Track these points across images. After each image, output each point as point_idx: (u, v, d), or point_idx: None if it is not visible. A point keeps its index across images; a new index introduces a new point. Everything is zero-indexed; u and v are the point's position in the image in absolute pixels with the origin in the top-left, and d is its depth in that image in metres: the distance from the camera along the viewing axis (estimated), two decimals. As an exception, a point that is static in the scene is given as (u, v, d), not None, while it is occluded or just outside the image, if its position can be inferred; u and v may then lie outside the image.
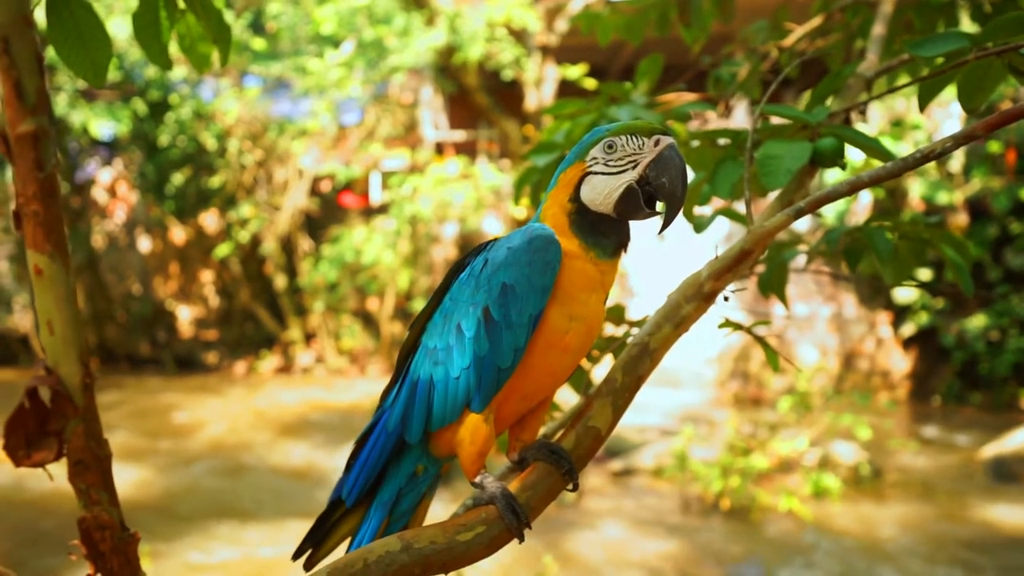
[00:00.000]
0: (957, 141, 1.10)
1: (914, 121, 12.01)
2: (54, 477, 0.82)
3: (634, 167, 1.17)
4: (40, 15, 1.52)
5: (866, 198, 12.43)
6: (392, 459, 1.31)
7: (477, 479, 1.19)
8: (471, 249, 1.29)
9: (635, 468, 8.79)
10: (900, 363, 12.57)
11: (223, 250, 13.27)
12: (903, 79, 2.52)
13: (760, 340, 1.59)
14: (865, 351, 12.77)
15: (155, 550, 6.08)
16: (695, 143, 1.88)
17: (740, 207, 1.89)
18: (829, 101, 1.90)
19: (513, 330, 1.14)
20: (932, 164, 12.26)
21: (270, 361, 14.15)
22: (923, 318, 12.04)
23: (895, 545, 6.91)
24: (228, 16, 11.96)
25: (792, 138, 1.58)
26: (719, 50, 3.12)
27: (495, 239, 1.26)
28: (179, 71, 12.46)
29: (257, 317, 14.62)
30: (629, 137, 1.17)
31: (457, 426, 1.21)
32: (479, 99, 14.00)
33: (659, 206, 1.18)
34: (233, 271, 14.29)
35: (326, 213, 14.28)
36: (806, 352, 12.69)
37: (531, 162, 2.29)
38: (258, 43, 12.71)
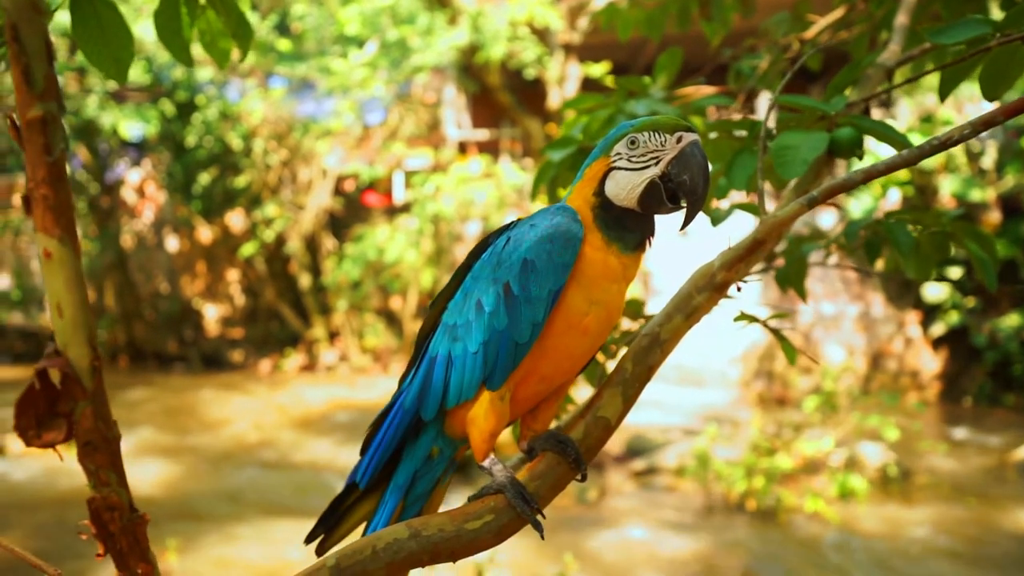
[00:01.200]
0: (975, 128, 1.08)
1: (945, 117, 11.80)
2: (64, 458, 0.84)
3: (656, 163, 1.18)
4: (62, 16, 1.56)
5: (895, 196, 12.24)
6: (408, 439, 1.31)
7: (486, 463, 1.19)
8: (494, 230, 1.30)
9: (658, 468, 8.74)
10: (930, 363, 12.35)
11: (248, 249, 13.43)
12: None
13: (776, 334, 1.57)
14: (894, 351, 12.56)
15: (180, 544, 6.17)
16: (712, 135, 1.86)
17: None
18: (848, 92, 1.87)
19: (532, 304, 1.15)
20: (964, 160, 12.03)
21: (294, 359, 14.29)
22: (954, 317, 11.82)
23: (924, 548, 6.79)
24: (253, 18, 12.13)
25: (810, 129, 1.56)
26: (740, 44, 3.09)
27: (518, 219, 1.27)
28: (206, 72, 12.63)
29: (282, 316, 14.78)
30: (652, 133, 1.18)
31: (472, 404, 1.22)
32: (502, 98, 14.01)
33: (681, 202, 1.19)
34: (258, 270, 14.46)
35: (350, 212, 14.39)
36: (833, 351, 12.52)
37: (548, 157, 2.28)
38: (283, 44, 12.84)
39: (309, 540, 1.39)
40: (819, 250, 2.06)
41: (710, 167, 1.18)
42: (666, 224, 1.31)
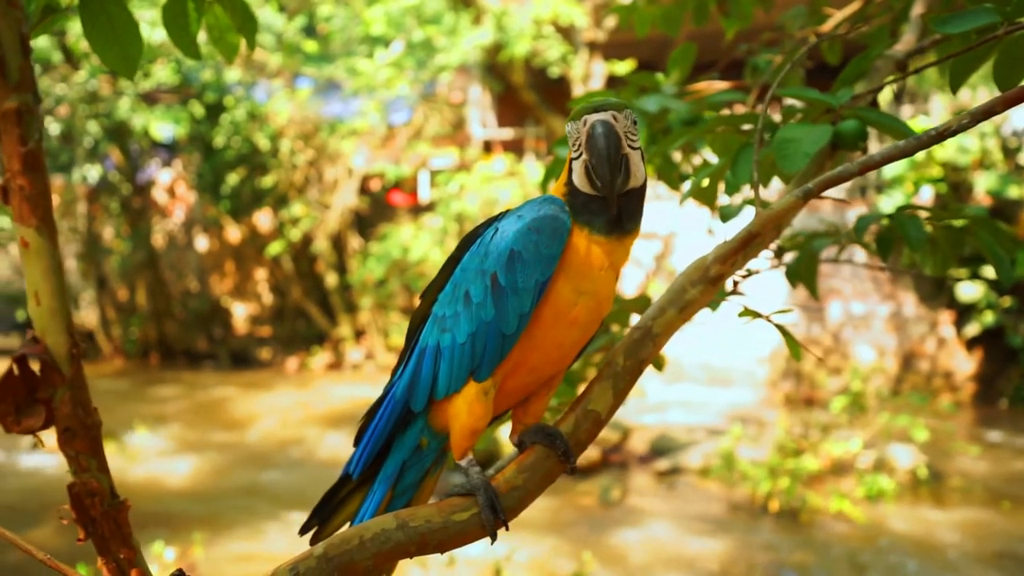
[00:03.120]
0: (975, 117, 1.05)
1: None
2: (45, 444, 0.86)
3: (581, 150, 1.19)
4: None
5: (927, 193, 11.99)
6: (397, 430, 1.32)
7: (463, 462, 1.20)
8: (483, 221, 1.30)
9: (682, 468, 8.67)
10: (964, 364, 12.08)
11: (275, 248, 13.59)
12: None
13: (782, 330, 1.55)
14: (926, 351, 12.31)
15: (206, 538, 6.27)
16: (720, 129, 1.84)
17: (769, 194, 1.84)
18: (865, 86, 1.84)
19: (519, 295, 1.16)
20: (1000, 157, 11.75)
21: (321, 357, 14.43)
22: (989, 317, 11.54)
23: (955, 552, 6.65)
24: (280, 19, 12.26)
25: (816, 122, 1.54)
26: (755, 39, 3.05)
27: (507, 210, 1.27)
28: (234, 73, 12.81)
29: (308, 314, 14.93)
30: (572, 124, 1.20)
31: (457, 399, 1.22)
32: (526, 97, 14.01)
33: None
34: (285, 269, 14.63)
35: (376, 211, 14.50)
36: (863, 352, 12.31)
37: (557, 154, 2.28)
38: (310, 45, 12.97)
39: (304, 531, 1.40)
40: (832, 246, 2.03)
41: (624, 144, 1.16)
42: (691, 221, 1.29)
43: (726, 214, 1.94)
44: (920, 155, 11.79)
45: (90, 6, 1.54)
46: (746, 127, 1.77)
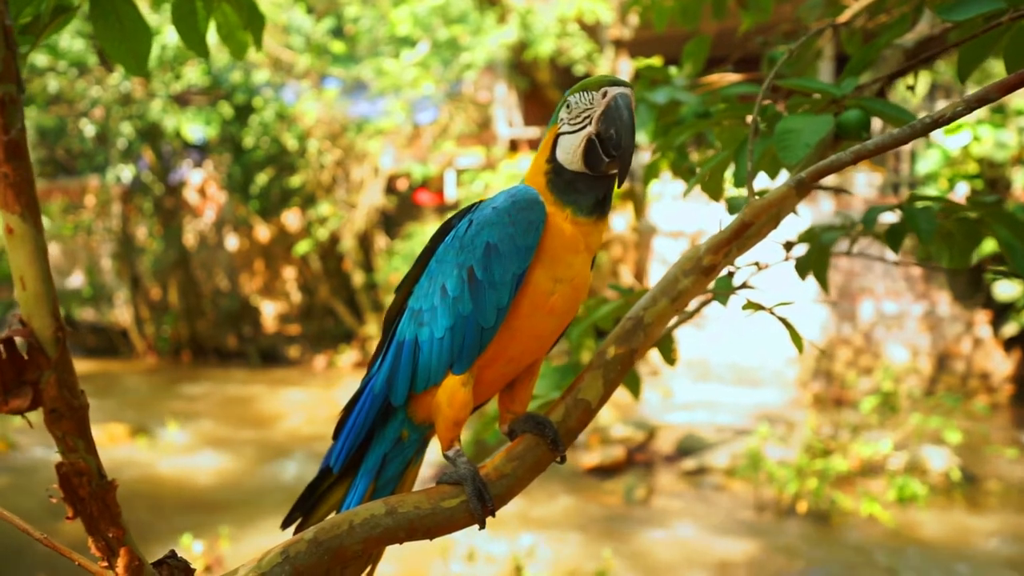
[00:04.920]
0: (969, 105, 1.03)
1: (1019, 106, 11.25)
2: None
3: (589, 122, 1.18)
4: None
5: (963, 190, 11.73)
6: (377, 424, 1.32)
7: (450, 452, 1.20)
8: (456, 212, 1.30)
9: (708, 468, 8.60)
10: (1001, 365, 11.79)
11: (303, 247, 13.75)
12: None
13: (784, 322, 1.54)
14: (961, 352, 12.04)
15: (233, 532, 6.37)
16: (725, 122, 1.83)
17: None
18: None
19: (496, 289, 1.15)
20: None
21: (348, 355, 14.57)
22: (1027, 316, 11.26)
23: (991, 558, 6.50)
24: (309, 21, 12.40)
25: (818, 113, 1.52)
26: (772, 31, 3.02)
27: (480, 201, 1.27)
28: (262, 74, 12.99)
29: (336, 312, 15.08)
30: (582, 94, 1.20)
31: (437, 392, 1.22)
32: (552, 95, 13.99)
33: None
34: (313, 268, 14.79)
35: (402, 211, 14.60)
36: (895, 352, 12.08)
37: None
38: (338, 46, 13.11)
39: (286, 525, 1.41)
40: (843, 238, 2.00)
41: (635, 120, 1.17)
42: (718, 218, 1.28)
43: (733, 205, 1.93)
44: (955, 151, 11.54)
45: (100, 5, 1.58)
46: (750, 119, 1.76)
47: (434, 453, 1.41)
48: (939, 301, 12.10)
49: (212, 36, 1.84)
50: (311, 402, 11.70)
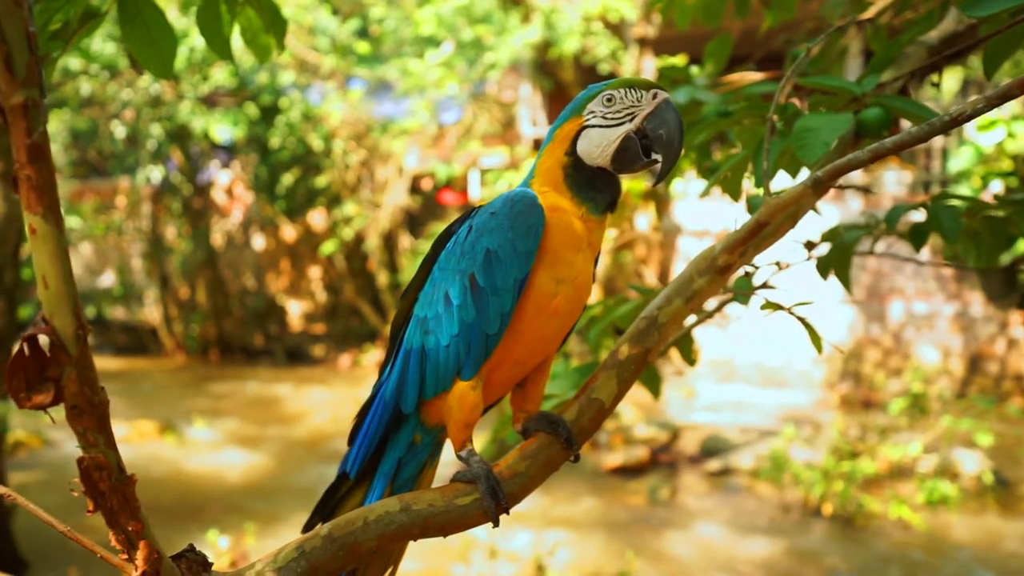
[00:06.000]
0: (990, 102, 1.02)
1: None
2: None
3: (632, 119, 1.18)
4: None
5: (996, 188, 11.49)
6: (390, 430, 1.33)
7: (463, 452, 1.20)
8: (457, 217, 1.30)
9: (733, 469, 8.53)
10: (1037, 366, 11.55)
11: (328, 247, 13.87)
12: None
13: (803, 322, 1.52)
14: (995, 353, 11.80)
15: (258, 528, 6.45)
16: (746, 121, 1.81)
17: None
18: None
19: (499, 296, 1.15)
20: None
21: (373, 355, 14.67)
22: (1062, 317, 11.01)
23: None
24: (335, 23, 12.50)
25: (840, 111, 1.50)
26: (795, 30, 2.98)
27: (480, 205, 1.26)
28: (288, 76, 13.13)
29: (361, 312, 15.19)
30: (628, 90, 1.19)
31: (448, 395, 1.22)
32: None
33: (655, 156, 1.18)
34: (338, 267, 14.92)
35: (426, 210, 14.67)
36: (925, 353, 11.88)
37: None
38: (362, 47, 13.20)
39: (307, 530, 1.43)
40: (866, 237, 1.97)
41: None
42: (743, 219, 1.28)
43: (754, 205, 1.91)
44: (990, 148, 11.31)
45: (127, 9, 1.62)
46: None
47: (452, 453, 1.42)
48: (972, 301, 11.88)
49: (237, 40, 1.88)
50: (336, 401, 11.80)
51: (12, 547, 5.99)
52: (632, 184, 11.13)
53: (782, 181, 1.97)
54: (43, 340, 0.78)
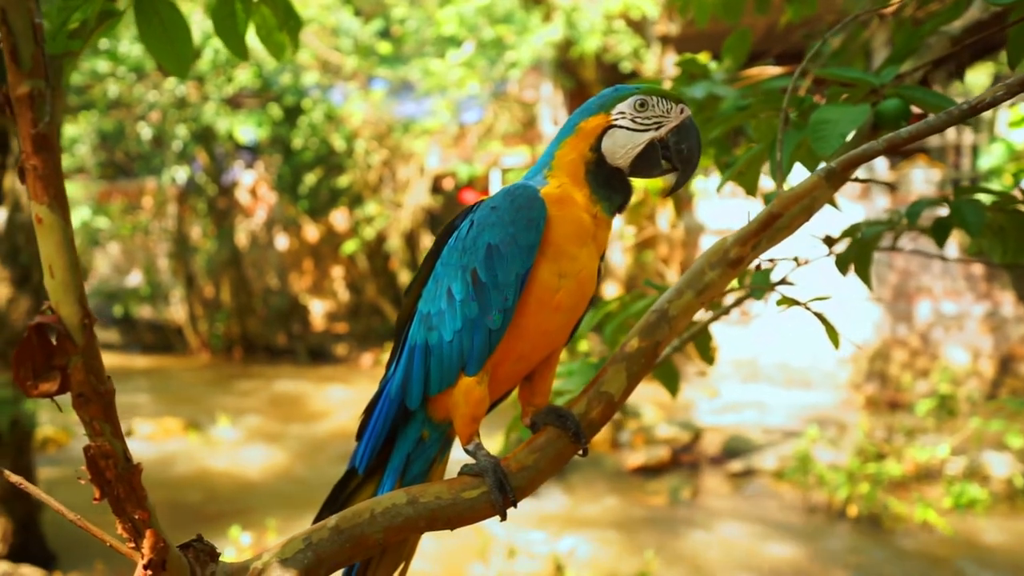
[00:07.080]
0: (1011, 89, 0.99)
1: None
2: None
3: (658, 128, 1.20)
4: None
5: (1027, 185, 11.25)
6: (398, 426, 1.33)
7: (470, 446, 1.20)
8: (458, 213, 1.29)
9: (756, 469, 8.45)
10: (1069, 368, 11.30)
11: (350, 247, 13.96)
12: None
13: (820, 317, 1.50)
14: (1026, 354, 11.57)
15: (279, 525, 6.50)
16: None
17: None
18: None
19: (501, 290, 1.14)
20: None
21: (395, 354, 14.75)
22: (1095, 317, 10.76)
23: (1056, 569, 6.25)
24: (357, 24, 12.58)
25: (857, 103, 1.48)
26: (815, 24, 2.94)
27: (481, 200, 1.26)
28: (311, 76, 13.23)
29: (383, 311, 15.28)
30: (660, 99, 1.21)
31: (453, 390, 1.22)
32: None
33: (668, 166, 1.22)
34: (360, 267, 15.01)
35: (448, 210, 14.71)
36: (955, 354, 11.67)
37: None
38: (384, 47, 13.27)
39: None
40: (887, 233, 1.94)
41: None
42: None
43: (770, 199, 1.89)
44: (1021, 145, 11.09)
45: (144, 9, 1.64)
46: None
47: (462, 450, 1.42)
48: (1003, 301, 11.65)
49: (254, 39, 1.90)
50: (357, 399, 11.86)
51: (41, 541, 6.11)
52: (650, 183, 11.07)
53: (800, 176, 1.94)
54: (50, 329, 0.79)
